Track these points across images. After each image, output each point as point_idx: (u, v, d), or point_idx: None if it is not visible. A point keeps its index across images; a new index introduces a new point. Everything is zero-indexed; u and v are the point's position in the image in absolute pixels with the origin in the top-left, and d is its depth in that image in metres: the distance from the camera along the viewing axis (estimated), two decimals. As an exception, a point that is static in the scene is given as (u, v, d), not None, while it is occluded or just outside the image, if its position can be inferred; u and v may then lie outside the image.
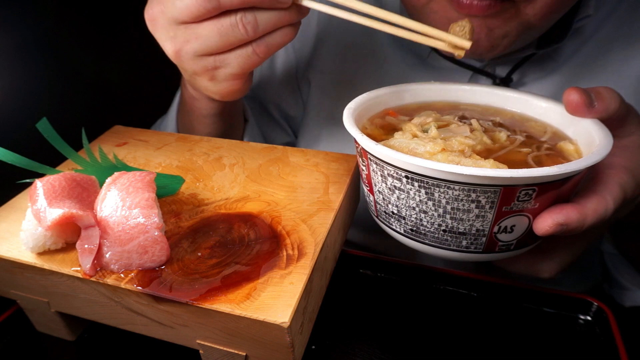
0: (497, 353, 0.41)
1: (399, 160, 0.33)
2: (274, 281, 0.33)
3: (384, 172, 0.35)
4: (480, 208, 0.33)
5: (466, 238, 0.35)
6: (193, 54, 0.42)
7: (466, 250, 0.36)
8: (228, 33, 0.40)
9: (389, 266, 0.49)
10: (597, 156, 0.32)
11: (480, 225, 0.34)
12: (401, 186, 0.35)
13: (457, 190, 0.32)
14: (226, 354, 0.34)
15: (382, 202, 0.38)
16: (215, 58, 0.43)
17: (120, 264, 0.34)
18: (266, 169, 0.46)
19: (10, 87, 0.62)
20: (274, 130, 0.72)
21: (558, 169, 0.30)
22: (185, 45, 0.42)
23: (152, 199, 0.36)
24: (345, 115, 0.39)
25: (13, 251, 0.37)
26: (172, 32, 0.41)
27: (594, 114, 0.37)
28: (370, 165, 0.37)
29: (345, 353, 0.41)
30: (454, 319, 0.44)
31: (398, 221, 0.37)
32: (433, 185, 0.33)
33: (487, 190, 0.32)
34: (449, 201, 0.33)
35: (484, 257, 0.36)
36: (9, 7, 0.62)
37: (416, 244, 0.38)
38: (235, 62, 0.43)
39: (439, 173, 0.32)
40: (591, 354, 0.41)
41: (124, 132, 0.53)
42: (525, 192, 0.32)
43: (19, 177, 0.42)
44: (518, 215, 0.33)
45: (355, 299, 0.46)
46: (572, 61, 0.55)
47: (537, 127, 0.42)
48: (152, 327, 0.36)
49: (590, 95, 0.37)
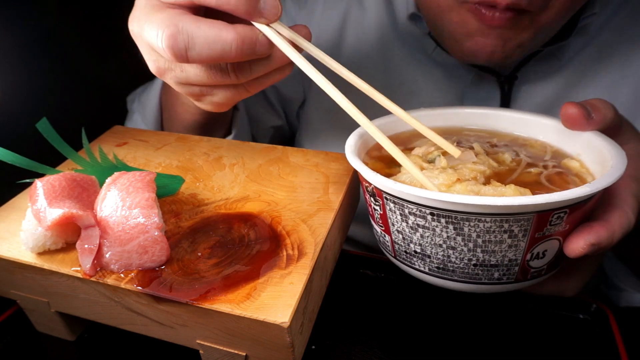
0: (497, 353, 0.41)
1: (423, 197, 0.31)
2: (274, 281, 0.33)
3: (405, 210, 0.33)
4: (513, 237, 0.32)
5: (498, 270, 0.34)
6: (176, 82, 0.39)
7: (498, 282, 0.34)
8: (217, 77, 0.37)
9: (389, 266, 0.49)
10: (619, 170, 0.32)
11: (513, 255, 0.33)
12: (425, 224, 0.33)
13: (489, 222, 0.31)
14: (226, 354, 0.34)
15: (402, 242, 0.36)
16: (201, 89, 0.39)
17: (120, 264, 0.34)
18: (266, 169, 0.46)
19: (11, 87, 0.62)
20: (265, 113, 0.70)
21: (590, 188, 0.30)
22: (167, 72, 0.38)
23: (152, 199, 0.36)
24: (348, 152, 0.37)
25: (13, 251, 0.37)
26: (154, 55, 0.37)
27: (593, 126, 0.37)
28: (386, 204, 0.35)
29: (345, 353, 0.41)
30: (454, 319, 0.44)
31: (422, 260, 0.35)
32: (462, 220, 0.31)
33: (520, 219, 0.31)
34: (480, 234, 0.32)
35: (515, 287, 0.35)
36: (9, 7, 0.62)
37: (443, 282, 0.36)
38: (223, 95, 0.39)
39: (469, 207, 0.30)
40: (591, 354, 0.41)
41: (124, 132, 0.53)
42: (557, 216, 0.31)
43: (19, 177, 0.42)
44: (550, 239, 0.33)
45: (355, 299, 0.46)
46: (577, 60, 0.55)
47: (536, 146, 0.42)
48: (152, 327, 0.36)
49: (587, 108, 0.37)
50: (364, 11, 0.62)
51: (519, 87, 0.57)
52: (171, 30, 0.32)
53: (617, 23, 0.54)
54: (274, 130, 0.73)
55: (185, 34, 0.32)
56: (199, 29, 0.33)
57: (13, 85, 0.62)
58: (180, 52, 0.33)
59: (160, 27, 0.33)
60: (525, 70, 0.56)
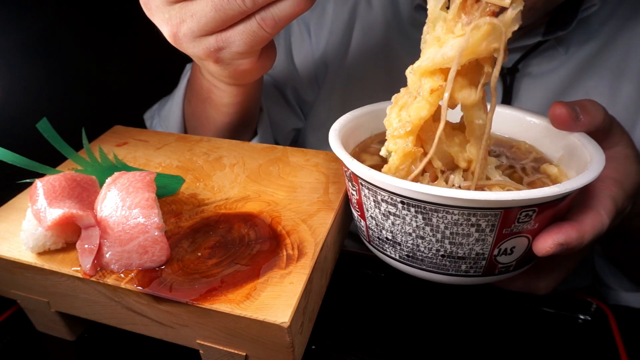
0: (497, 353, 0.41)
1: (394, 186, 0.32)
2: (274, 281, 0.33)
3: (377, 197, 0.34)
4: (480, 232, 0.32)
5: (465, 262, 0.34)
6: (191, 35, 0.39)
7: (465, 275, 0.35)
8: (224, 6, 0.36)
9: (389, 266, 0.48)
10: (594, 172, 0.32)
11: (480, 249, 0.33)
12: (396, 212, 0.33)
13: (457, 215, 0.31)
14: (226, 354, 0.34)
15: (375, 228, 0.37)
16: (217, 37, 0.39)
17: (120, 263, 0.34)
18: (266, 169, 0.46)
19: (11, 87, 0.62)
20: (286, 116, 0.71)
21: (559, 188, 0.30)
22: (181, 26, 0.38)
23: (152, 199, 0.36)
24: (332, 137, 0.38)
25: (13, 251, 0.37)
26: (166, 13, 0.38)
27: (580, 128, 0.37)
28: (361, 190, 0.35)
29: (345, 353, 0.41)
30: (454, 319, 0.44)
31: (393, 247, 0.36)
32: (431, 211, 0.32)
33: (488, 214, 0.31)
34: (448, 226, 0.32)
35: (483, 280, 0.36)
36: (9, 7, 0.62)
37: (412, 270, 0.37)
38: (239, 39, 0.39)
39: (437, 198, 0.31)
40: (591, 354, 0.41)
41: (124, 132, 0.53)
42: (525, 214, 0.31)
43: (19, 177, 0.42)
44: (518, 236, 0.33)
45: (355, 299, 0.46)
46: (579, 54, 0.55)
47: (520, 148, 0.42)
48: (152, 327, 0.36)
49: (575, 109, 0.37)
50: (370, 7, 0.62)
51: (520, 81, 0.57)
52: None
53: (619, 17, 0.55)
54: (294, 132, 0.73)
55: None
56: None
57: (13, 86, 0.62)
58: None
59: None
60: (526, 64, 0.56)
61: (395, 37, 0.61)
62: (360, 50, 0.63)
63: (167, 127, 0.64)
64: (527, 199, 0.30)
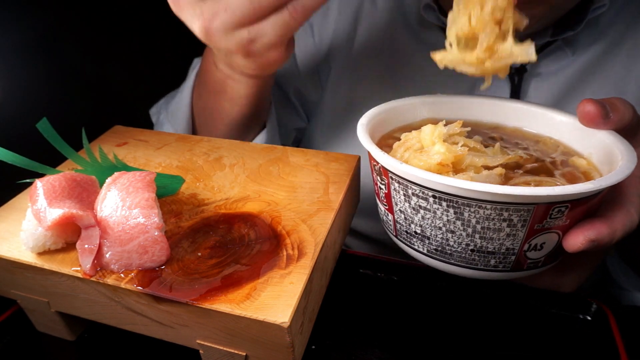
0: (497, 353, 0.41)
1: (426, 180, 0.32)
2: (274, 281, 0.33)
3: (408, 191, 0.34)
4: (512, 227, 0.32)
5: (495, 257, 0.34)
6: (224, 29, 0.39)
7: (494, 270, 0.35)
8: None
9: (389, 266, 0.49)
10: (627, 170, 0.32)
11: (511, 244, 0.33)
12: (427, 206, 0.34)
13: (489, 210, 0.31)
14: (226, 354, 0.34)
15: (404, 222, 0.37)
16: (250, 29, 0.39)
17: (120, 264, 0.34)
18: (266, 169, 0.46)
19: (11, 87, 0.62)
20: (289, 115, 0.71)
21: (593, 185, 0.30)
22: (214, 19, 0.39)
23: (152, 199, 0.36)
24: (360, 130, 0.38)
25: (13, 251, 0.37)
26: (197, 9, 0.39)
27: (610, 126, 0.36)
28: (391, 184, 0.35)
29: (345, 353, 0.41)
30: (454, 319, 0.44)
31: (421, 241, 0.36)
32: (463, 205, 0.32)
33: (520, 209, 0.31)
34: (480, 221, 0.32)
35: (511, 276, 0.35)
36: (9, 7, 0.62)
37: (441, 264, 0.36)
38: (271, 30, 0.39)
39: (470, 192, 0.31)
40: (591, 354, 0.41)
41: (124, 132, 0.53)
42: (558, 210, 0.31)
43: (19, 177, 0.42)
44: (549, 232, 0.33)
45: (355, 299, 0.46)
46: (587, 54, 0.55)
47: (548, 143, 0.41)
48: (152, 327, 0.36)
49: (605, 106, 0.36)
50: (375, 7, 0.62)
51: (528, 81, 0.57)
52: None
53: (626, 17, 0.54)
54: (296, 132, 0.73)
55: None
56: None
57: (13, 86, 0.62)
58: None
59: None
60: (534, 64, 0.56)
61: (401, 37, 0.61)
62: (365, 50, 0.63)
63: (174, 123, 0.63)
64: (561, 195, 0.30)
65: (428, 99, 0.45)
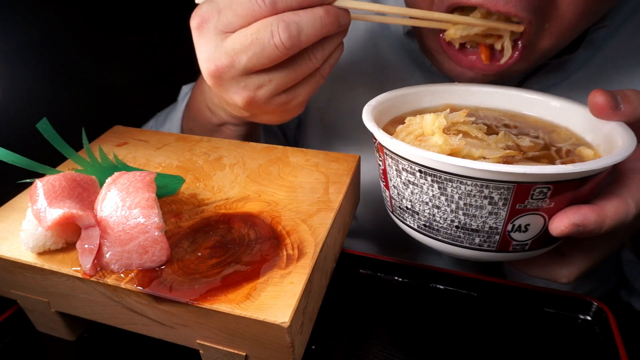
0: (497, 353, 0.41)
1: (413, 154, 0.33)
2: (274, 281, 0.33)
3: (399, 166, 0.36)
4: (493, 205, 0.33)
5: (479, 235, 0.35)
6: (268, 97, 0.42)
7: (479, 248, 0.35)
8: (302, 67, 0.40)
9: (389, 266, 0.49)
10: (615, 157, 0.31)
11: (494, 222, 0.34)
12: (415, 180, 0.35)
13: (470, 186, 0.32)
14: (226, 354, 0.34)
15: (397, 197, 0.38)
16: (288, 94, 0.42)
17: (120, 263, 0.34)
18: (266, 169, 0.46)
19: (11, 87, 0.62)
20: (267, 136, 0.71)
21: (573, 167, 0.30)
22: (258, 91, 0.41)
23: (152, 199, 0.36)
24: (365, 112, 0.39)
25: (13, 251, 0.37)
26: (242, 82, 0.41)
27: (620, 117, 0.36)
28: (386, 159, 0.37)
29: (346, 353, 0.41)
30: (454, 319, 0.44)
31: (412, 216, 0.37)
32: (445, 180, 0.33)
33: (500, 187, 0.31)
34: (462, 197, 0.33)
35: (497, 257, 0.36)
36: (10, 8, 0.62)
37: (429, 240, 0.37)
38: (304, 91, 0.43)
39: (451, 167, 0.32)
40: (591, 354, 0.41)
41: (124, 132, 0.53)
42: (540, 190, 0.31)
43: (19, 177, 0.42)
44: (533, 214, 0.33)
45: (355, 299, 0.46)
46: (583, 71, 0.55)
47: (561, 133, 0.41)
48: (152, 327, 0.36)
49: (616, 97, 0.36)
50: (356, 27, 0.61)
51: None
52: (282, 24, 0.37)
53: (625, 34, 0.53)
54: None
55: (294, 23, 0.37)
56: (299, 15, 0.37)
57: (13, 86, 0.62)
58: (294, 38, 0.37)
59: (267, 27, 0.37)
60: (530, 83, 0.55)
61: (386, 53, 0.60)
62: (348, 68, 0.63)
63: None
64: (539, 174, 0.30)
65: (442, 87, 0.46)
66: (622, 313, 0.44)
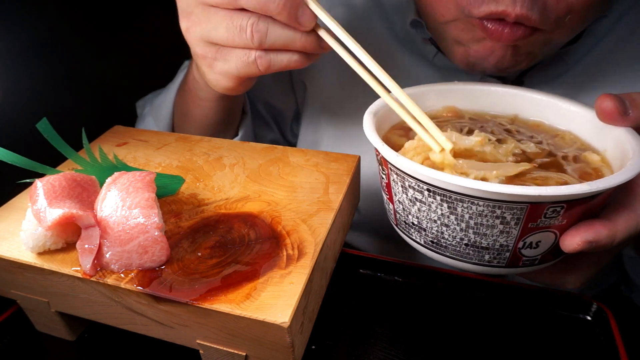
0: (497, 353, 0.41)
1: (421, 174, 0.32)
2: (274, 281, 0.33)
3: (405, 183, 0.34)
4: (505, 224, 0.32)
5: (489, 252, 0.34)
6: (199, 37, 0.43)
7: (488, 264, 0.35)
8: (234, 32, 0.40)
9: (389, 266, 0.49)
10: (630, 172, 0.31)
11: (505, 240, 0.33)
12: (422, 199, 0.34)
13: (482, 206, 0.31)
14: (226, 354, 0.34)
15: (402, 212, 0.37)
16: (217, 49, 0.43)
17: (120, 263, 0.34)
18: (266, 169, 0.46)
19: (11, 87, 0.62)
20: (260, 126, 0.71)
21: (589, 186, 0.29)
22: (195, 25, 0.42)
23: (152, 199, 0.36)
24: (366, 120, 0.38)
25: (13, 251, 0.37)
26: (191, 9, 0.42)
27: (629, 122, 0.35)
28: (390, 174, 0.36)
29: (345, 353, 0.41)
30: (454, 319, 0.44)
31: (418, 232, 0.37)
32: (456, 200, 0.32)
33: (513, 207, 0.31)
34: (472, 216, 0.32)
35: (506, 272, 0.35)
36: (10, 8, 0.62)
37: (437, 256, 0.37)
38: (233, 61, 0.43)
39: (462, 189, 0.31)
40: (591, 354, 0.41)
41: (124, 132, 0.53)
42: (553, 209, 0.31)
43: (19, 177, 0.42)
44: (544, 231, 0.32)
45: (355, 299, 0.46)
46: (584, 62, 0.55)
47: (565, 137, 0.41)
48: (152, 327, 0.36)
49: (624, 102, 0.35)
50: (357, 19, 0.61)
51: None
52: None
53: (626, 25, 0.53)
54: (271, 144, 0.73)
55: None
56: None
57: (13, 86, 0.62)
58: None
59: None
60: (531, 75, 0.55)
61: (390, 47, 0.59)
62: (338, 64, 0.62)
63: (157, 117, 0.64)
64: (554, 195, 0.29)
65: (443, 86, 0.45)
66: (623, 308, 0.44)
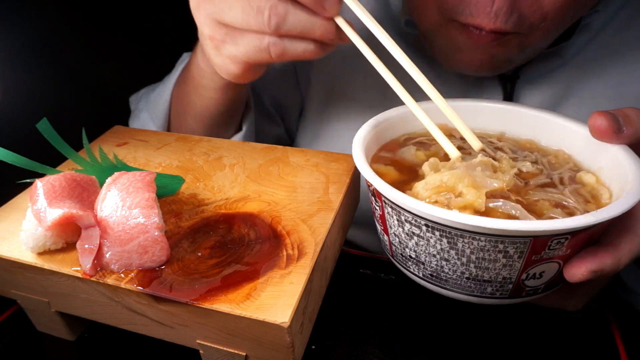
0: (496, 353, 0.41)
1: (418, 210, 0.31)
2: (274, 281, 0.33)
3: (401, 217, 0.33)
4: (508, 258, 0.31)
5: (491, 285, 0.33)
6: (210, 15, 0.40)
7: (491, 296, 0.34)
8: (250, 13, 0.37)
9: (389, 266, 0.49)
10: (633, 198, 0.30)
11: (507, 273, 0.32)
12: (420, 233, 0.32)
13: (483, 242, 0.30)
14: (226, 354, 0.34)
15: (399, 245, 0.36)
16: (227, 31, 0.40)
17: (120, 263, 0.34)
18: (266, 169, 0.46)
19: (11, 87, 0.62)
20: (265, 121, 0.70)
21: (594, 217, 0.28)
22: (206, 2, 0.39)
23: (152, 199, 0.36)
24: (355, 146, 0.36)
25: (13, 251, 0.37)
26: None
27: (623, 140, 0.35)
28: (384, 207, 0.34)
29: (345, 353, 0.41)
30: (453, 320, 0.44)
31: (416, 265, 0.35)
32: (456, 236, 0.31)
33: (517, 242, 0.30)
34: (474, 251, 0.31)
35: (509, 302, 0.34)
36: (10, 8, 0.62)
37: (436, 289, 0.36)
38: (243, 45, 0.40)
39: (463, 225, 0.30)
40: (591, 354, 0.41)
41: (124, 132, 0.53)
42: (557, 241, 0.30)
43: (19, 177, 0.42)
44: (548, 262, 0.31)
45: (355, 299, 0.46)
46: (579, 58, 0.55)
47: (558, 156, 0.40)
48: (152, 327, 0.36)
49: (618, 119, 0.34)
50: None
51: (521, 86, 0.57)
52: None
53: (622, 20, 0.54)
54: (275, 140, 0.72)
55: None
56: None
57: (14, 86, 0.63)
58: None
59: None
60: (527, 70, 0.55)
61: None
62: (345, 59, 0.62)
63: (153, 112, 0.62)
64: (559, 229, 0.28)
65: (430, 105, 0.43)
66: (622, 313, 0.44)
